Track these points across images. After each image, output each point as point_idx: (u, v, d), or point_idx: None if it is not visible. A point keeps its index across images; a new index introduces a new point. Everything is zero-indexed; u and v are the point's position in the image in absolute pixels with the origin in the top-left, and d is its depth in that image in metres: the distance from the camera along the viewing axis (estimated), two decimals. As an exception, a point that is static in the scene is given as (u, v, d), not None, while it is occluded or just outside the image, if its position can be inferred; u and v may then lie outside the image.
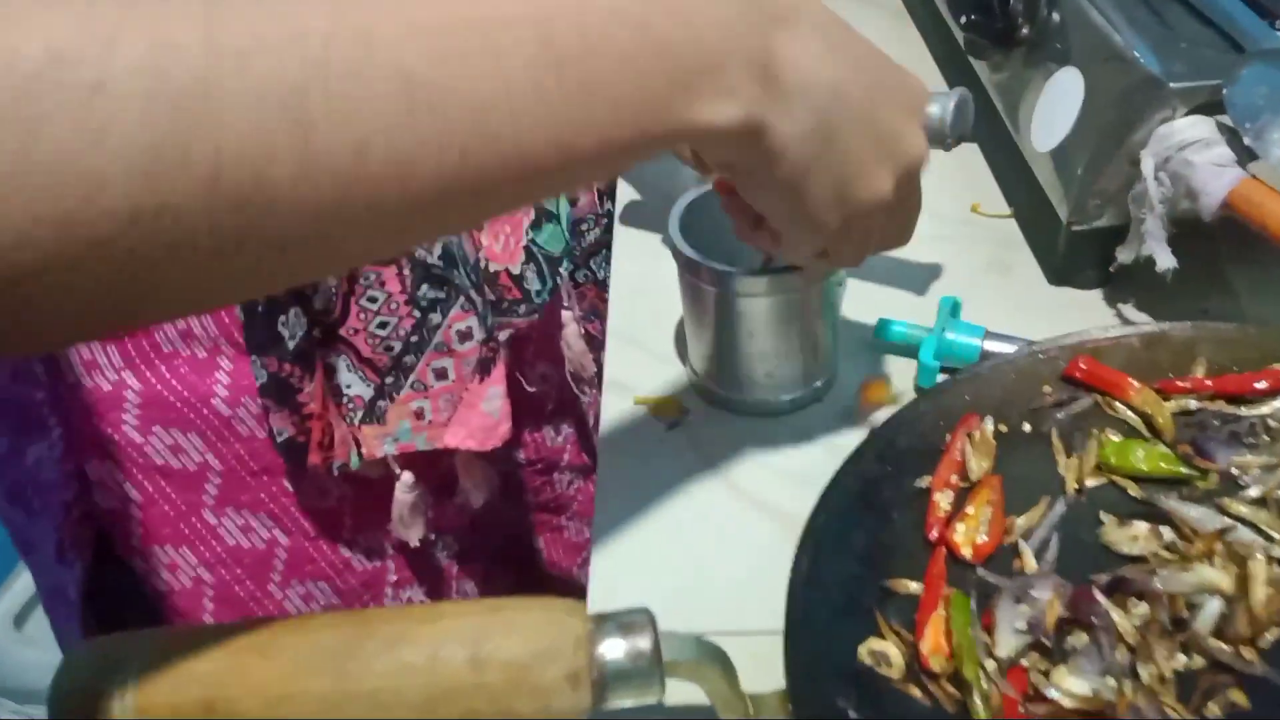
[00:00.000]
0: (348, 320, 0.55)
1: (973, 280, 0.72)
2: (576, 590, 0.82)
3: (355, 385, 0.56)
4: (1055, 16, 0.74)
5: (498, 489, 0.66)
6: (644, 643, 0.38)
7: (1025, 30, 0.76)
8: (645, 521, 0.58)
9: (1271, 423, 0.54)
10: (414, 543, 0.63)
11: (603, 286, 0.77)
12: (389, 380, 0.57)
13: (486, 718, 0.36)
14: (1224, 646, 0.47)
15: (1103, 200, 0.65)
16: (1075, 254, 0.70)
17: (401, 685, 0.36)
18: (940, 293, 0.70)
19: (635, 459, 0.61)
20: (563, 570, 0.81)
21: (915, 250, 0.75)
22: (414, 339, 0.57)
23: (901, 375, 0.65)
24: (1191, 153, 0.60)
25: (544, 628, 0.37)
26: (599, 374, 0.82)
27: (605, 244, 0.77)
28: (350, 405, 0.56)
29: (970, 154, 0.84)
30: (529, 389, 0.72)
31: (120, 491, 0.57)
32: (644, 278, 0.73)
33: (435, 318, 0.57)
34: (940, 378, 0.63)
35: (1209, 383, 0.56)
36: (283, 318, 0.53)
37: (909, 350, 0.65)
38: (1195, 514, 0.51)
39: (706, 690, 0.41)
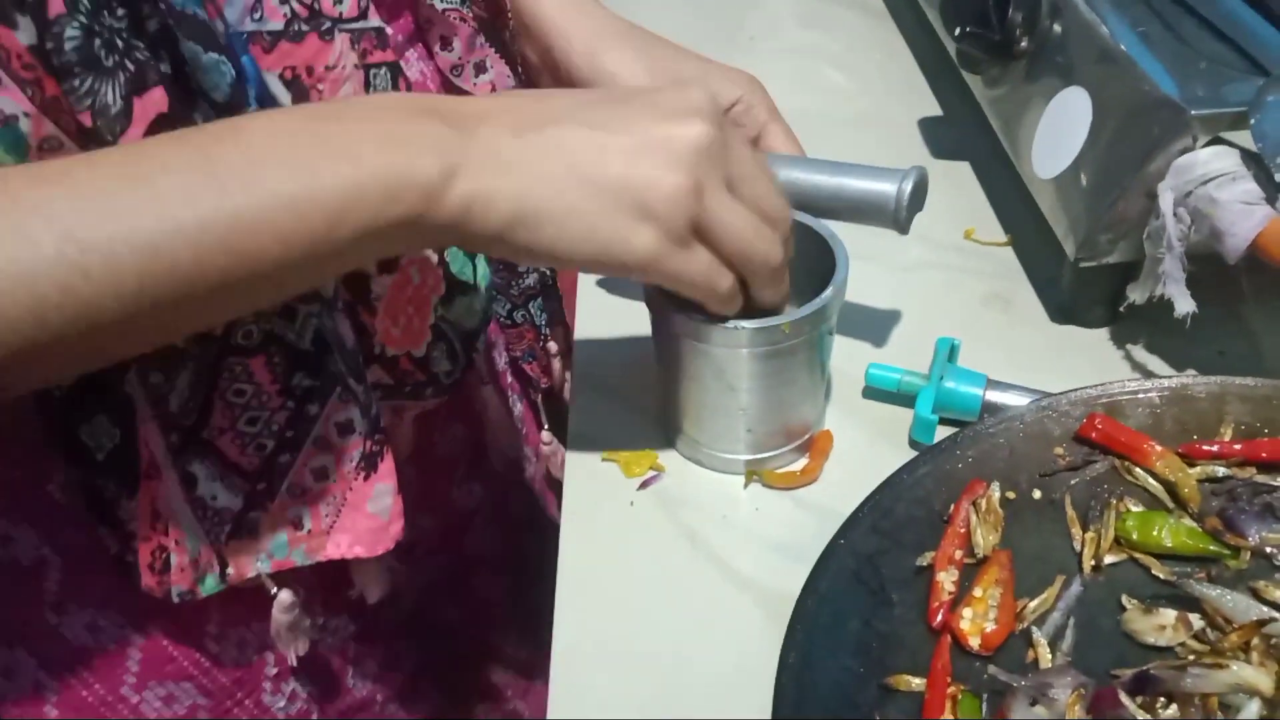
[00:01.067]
0: (211, 420, 0.47)
1: (969, 316, 0.67)
2: (492, 652, 0.75)
3: (221, 496, 0.48)
4: (1057, 28, 0.68)
5: (400, 570, 0.58)
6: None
7: (1025, 43, 0.70)
8: (613, 600, 0.52)
9: (1310, 495, 0.49)
10: (293, 660, 0.55)
11: (540, 330, 0.71)
12: (260, 486, 0.49)
13: None
14: (1265, 757, 0.41)
15: (1114, 235, 0.60)
16: (1082, 291, 0.64)
17: None
18: (928, 326, 0.64)
19: (603, 525, 0.55)
20: (478, 632, 0.74)
21: (904, 277, 0.70)
22: (289, 434, 0.49)
23: (894, 425, 0.59)
24: (1215, 188, 0.54)
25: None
26: (533, 417, 0.76)
27: (544, 287, 0.70)
28: (215, 519, 0.49)
29: (963, 174, 0.79)
30: (438, 453, 0.65)
31: None
32: (613, 319, 0.66)
33: (312, 408, 0.49)
34: (938, 430, 0.57)
35: (1238, 447, 0.51)
36: (86, 426, 0.45)
37: (902, 399, 0.60)
38: (1229, 601, 0.46)
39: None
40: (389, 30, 0.51)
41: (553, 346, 0.73)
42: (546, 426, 0.76)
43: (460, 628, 0.72)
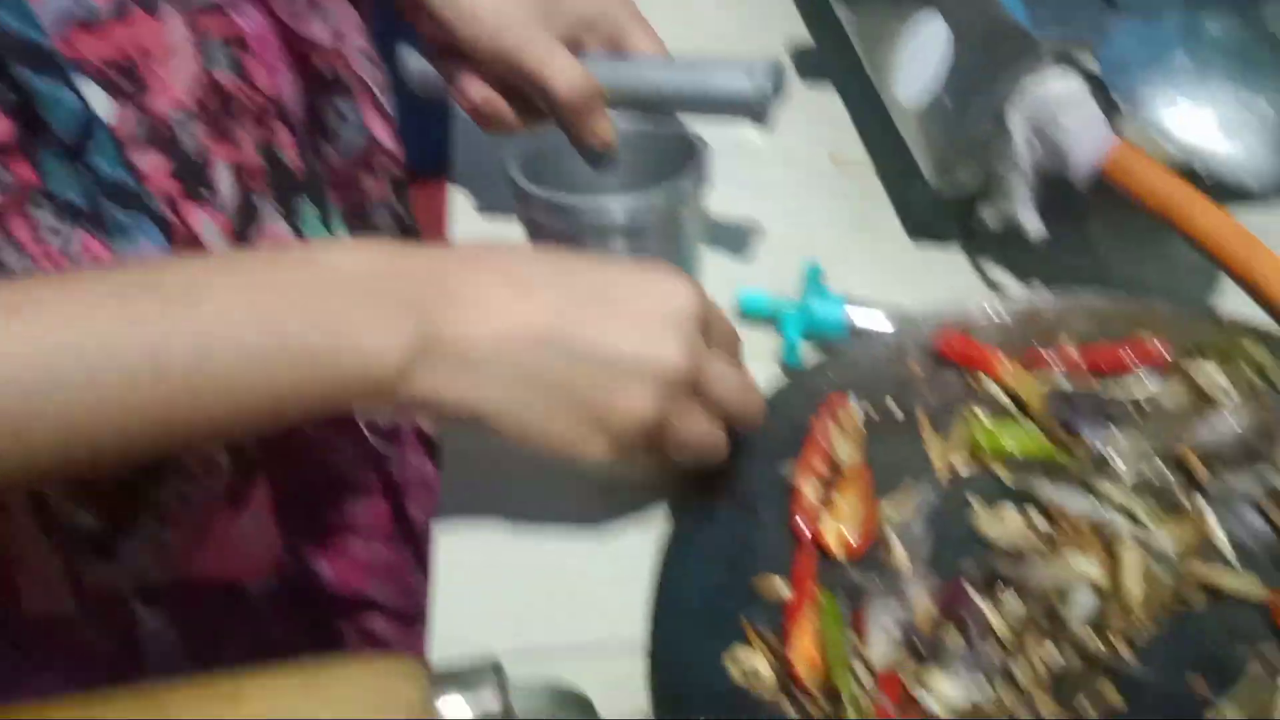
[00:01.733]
0: None
1: (831, 236, 0.69)
2: (367, 605, 0.75)
3: (79, 515, 0.47)
4: (917, -45, 0.70)
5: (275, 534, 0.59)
6: (492, 702, 0.34)
7: (885, -31, 0.72)
8: (494, 524, 0.53)
9: (1141, 402, 0.52)
10: None
11: None
12: (119, 506, 0.48)
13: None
14: (1098, 642, 0.45)
15: (969, 159, 0.62)
16: (939, 212, 0.67)
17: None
18: (795, 247, 0.66)
19: (478, 445, 0.56)
20: (352, 591, 0.74)
21: (771, 201, 0.71)
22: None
23: (764, 348, 0.61)
24: (1062, 113, 0.57)
25: (370, 699, 0.32)
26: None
27: None
28: (71, 539, 0.47)
29: (827, 97, 0.81)
30: None
31: None
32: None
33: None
34: (806, 351, 0.59)
35: (1076, 355, 0.54)
36: None
37: (771, 323, 0.62)
38: (1066, 499, 0.49)
39: (564, 743, 0.37)
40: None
41: None
42: None
43: (342, 586, 0.72)
